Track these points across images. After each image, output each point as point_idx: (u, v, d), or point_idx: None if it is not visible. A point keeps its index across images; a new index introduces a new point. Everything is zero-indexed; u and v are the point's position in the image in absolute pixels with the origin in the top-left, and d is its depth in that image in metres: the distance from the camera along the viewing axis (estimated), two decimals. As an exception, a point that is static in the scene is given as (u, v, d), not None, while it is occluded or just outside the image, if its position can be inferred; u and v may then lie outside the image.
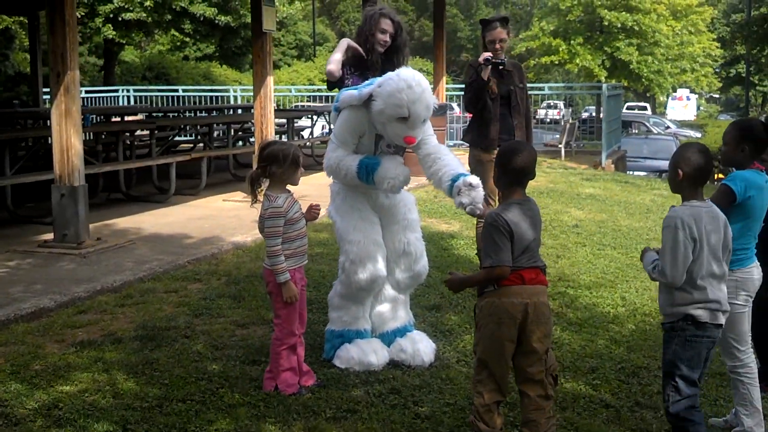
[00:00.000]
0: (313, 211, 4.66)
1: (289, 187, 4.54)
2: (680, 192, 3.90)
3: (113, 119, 14.94)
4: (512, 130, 6.82)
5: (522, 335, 3.70)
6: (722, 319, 3.86)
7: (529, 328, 3.68)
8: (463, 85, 9.54)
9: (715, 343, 3.92)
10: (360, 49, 5.77)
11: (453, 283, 3.99)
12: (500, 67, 6.75)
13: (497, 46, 6.76)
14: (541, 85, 20.53)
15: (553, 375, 3.78)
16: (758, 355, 4.87)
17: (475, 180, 4.55)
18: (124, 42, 26.86)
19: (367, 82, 4.96)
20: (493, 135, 6.83)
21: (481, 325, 3.80)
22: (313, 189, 8.22)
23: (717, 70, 43.04)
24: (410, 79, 4.60)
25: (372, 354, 4.94)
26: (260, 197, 4.49)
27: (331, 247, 7.72)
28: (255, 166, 4.51)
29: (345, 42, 5.95)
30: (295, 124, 16.75)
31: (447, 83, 17.71)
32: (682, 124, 40.99)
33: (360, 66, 5.94)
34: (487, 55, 6.61)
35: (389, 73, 4.75)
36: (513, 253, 3.69)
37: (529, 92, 7.98)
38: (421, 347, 5.09)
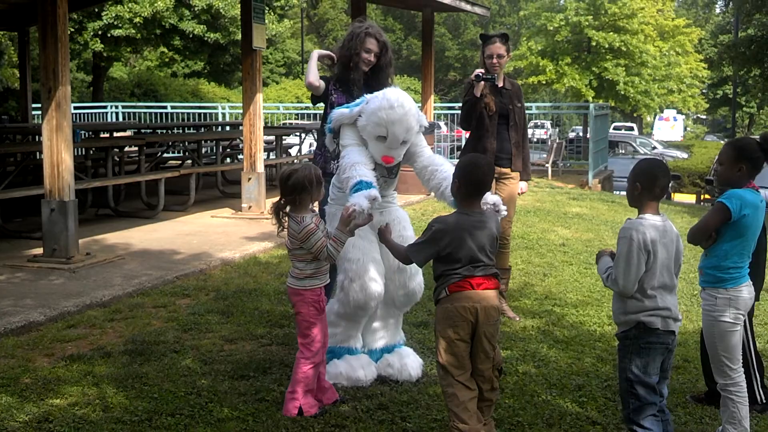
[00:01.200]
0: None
1: None
2: (638, 205, 4.04)
3: (102, 135, 14.96)
4: (509, 149, 6.78)
5: (474, 337, 3.97)
6: (674, 327, 3.98)
7: (480, 330, 3.96)
8: (450, 104, 9.60)
9: (671, 351, 4.02)
10: (333, 54, 5.89)
11: (381, 233, 4.48)
12: (495, 84, 6.71)
13: (494, 61, 6.68)
14: (528, 104, 20.63)
15: (498, 368, 4.09)
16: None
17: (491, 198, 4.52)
18: (113, 55, 26.87)
19: (358, 100, 4.98)
20: (490, 152, 6.81)
21: (438, 331, 4.04)
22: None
23: (704, 91, 43.44)
24: (393, 100, 4.65)
25: (360, 369, 4.95)
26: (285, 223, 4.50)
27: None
28: (280, 196, 4.48)
29: (315, 54, 6.03)
30: (283, 142, 16.80)
31: (435, 102, 17.81)
32: (669, 144, 41.23)
33: (345, 82, 6.02)
34: (479, 71, 6.61)
35: (378, 92, 4.80)
36: (450, 260, 3.97)
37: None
38: (408, 362, 5.12)
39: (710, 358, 4.40)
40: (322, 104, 6.28)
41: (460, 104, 7.01)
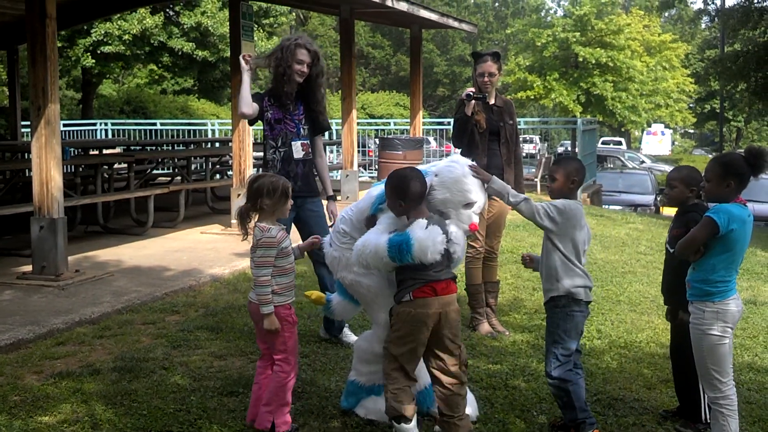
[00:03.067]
0: (314, 241, 4.74)
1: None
2: (564, 196, 4.64)
3: (92, 152, 14.94)
4: (501, 166, 6.79)
5: (436, 337, 4.16)
6: (590, 297, 4.63)
7: (442, 332, 4.15)
8: (439, 119, 9.62)
9: (586, 317, 4.64)
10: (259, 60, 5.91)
11: None
12: (486, 102, 6.72)
13: (486, 79, 6.70)
14: (517, 119, 20.67)
15: (466, 365, 4.30)
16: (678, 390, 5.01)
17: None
18: (103, 71, 26.90)
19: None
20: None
21: (395, 328, 4.20)
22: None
23: (691, 105, 43.65)
24: (466, 167, 4.52)
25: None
26: (251, 231, 4.47)
27: (308, 279, 7.74)
28: (245, 200, 4.46)
29: (247, 78, 5.98)
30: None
31: (423, 117, 17.87)
32: (657, 158, 41.42)
33: (279, 96, 6.03)
34: (470, 90, 6.63)
35: (443, 163, 4.57)
36: (416, 267, 4.10)
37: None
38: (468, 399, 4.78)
39: (699, 372, 4.41)
40: (260, 122, 6.23)
41: (451, 120, 7.05)
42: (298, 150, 6.12)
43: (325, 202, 6.34)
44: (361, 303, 4.80)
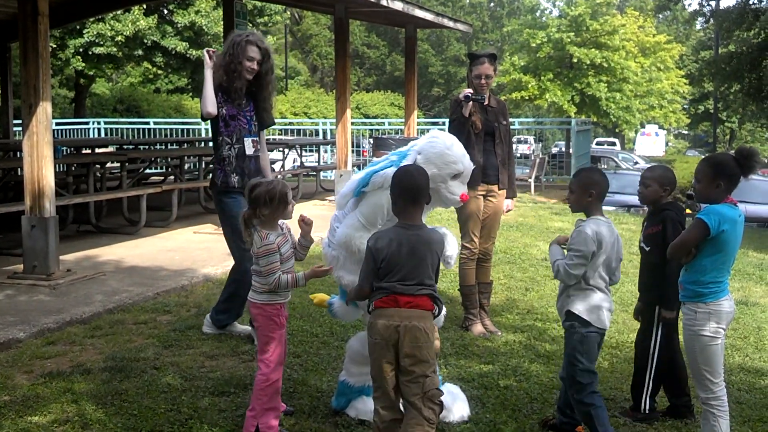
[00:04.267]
0: (306, 223, 4.53)
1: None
2: (587, 210, 4.46)
3: (84, 151, 14.91)
4: (496, 165, 6.80)
5: (398, 356, 3.85)
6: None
7: (403, 350, 3.83)
8: (433, 120, 9.62)
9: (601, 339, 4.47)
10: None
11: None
12: (483, 104, 6.74)
13: (482, 81, 6.70)
14: (511, 120, 20.70)
15: (434, 401, 3.85)
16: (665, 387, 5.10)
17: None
18: (94, 74, 26.85)
19: (390, 158, 4.61)
20: (477, 171, 6.80)
21: (368, 344, 4.00)
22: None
23: (685, 106, 43.70)
24: (447, 137, 4.54)
25: None
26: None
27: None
28: (248, 205, 4.44)
29: (209, 76, 5.98)
30: (267, 157, 16.79)
31: (418, 117, 17.87)
32: (651, 159, 41.44)
33: (229, 92, 6.05)
34: (468, 91, 6.63)
35: (423, 141, 4.56)
36: (380, 274, 3.90)
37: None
38: (460, 400, 4.86)
39: (691, 372, 4.43)
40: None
41: (445, 121, 7.06)
42: (249, 146, 6.21)
43: None
44: (358, 305, 4.77)
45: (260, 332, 4.45)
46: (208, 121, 6.21)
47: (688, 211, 20.97)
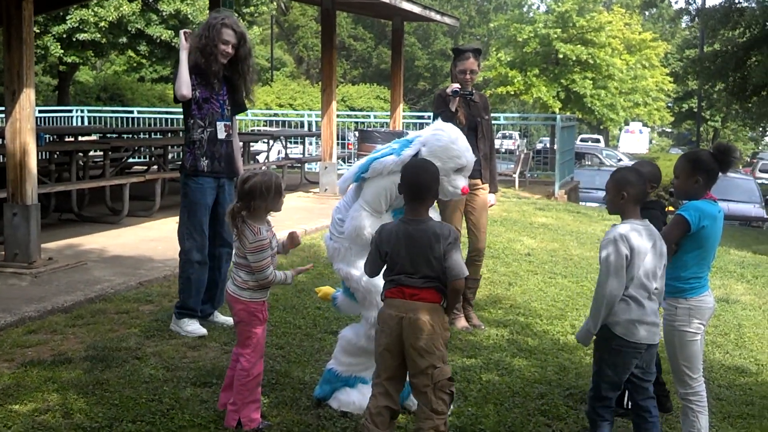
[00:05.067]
0: (295, 239, 4.57)
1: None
2: (622, 213, 4.10)
3: (67, 139, 14.81)
4: (479, 161, 6.78)
5: (403, 347, 3.87)
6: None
7: (407, 341, 3.85)
8: (419, 113, 9.60)
9: (641, 352, 4.07)
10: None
11: None
12: (471, 98, 6.74)
13: (467, 76, 6.70)
14: (496, 115, 20.79)
15: (445, 391, 3.86)
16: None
17: None
18: (77, 62, 26.67)
19: (393, 146, 4.60)
20: None
21: (375, 330, 4.08)
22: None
23: (669, 104, 43.90)
24: (452, 130, 4.54)
25: None
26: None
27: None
28: (236, 199, 4.37)
29: (185, 57, 5.97)
30: (251, 148, 16.75)
31: (404, 110, 17.86)
32: (635, 156, 41.59)
33: (204, 75, 6.02)
34: (456, 86, 6.60)
35: (427, 133, 4.55)
36: (388, 267, 3.97)
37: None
38: None
39: (671, 367, 4.44)
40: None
41: (430, 114, 7.02)
42: (221, 130, 6.21)
43: None
44: (355, 297, 4.74)
45: (242, 327, 4.42)
46: (181, 104, 6.19)
47: (670, 208, 21.12)
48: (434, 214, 4.32)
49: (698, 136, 41.12)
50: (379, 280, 4.36)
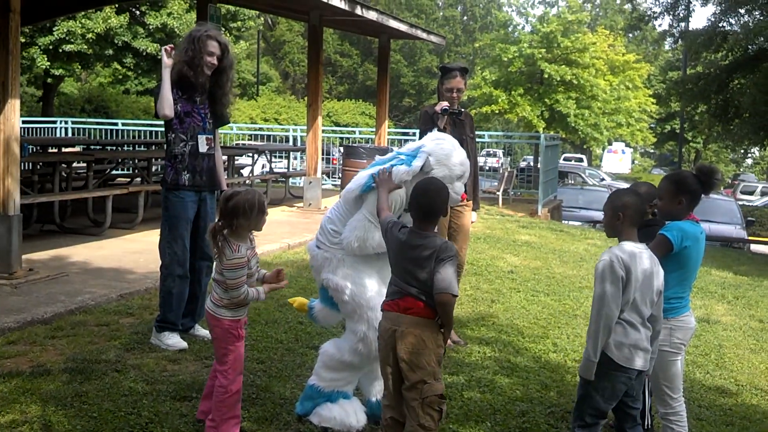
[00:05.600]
0: (281, 278, 4.46)
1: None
2: (619, 235, 4.01)
3: (51, 150, 14.76)
4: None
5: (397, 360, 3.89)
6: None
7: (399, 355, 3.86)
8: (404, 130, 9.61)
9: (632, 380, 3.97)
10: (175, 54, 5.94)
11: None
12: (459, 116, 6.75)
13: (454, 95, 6.73)
14: (481, 133, 20.86)
15: (433, 407, 3.84)
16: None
17: None
18: (62, 74, 26.59)
19: (399, 156, 4.61)
20: None
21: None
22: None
23: (652, 125, 44.15)
24: (452, 139, 4.62)
25: (353, 415, 4.65)
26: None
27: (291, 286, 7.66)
28: (218, 217, 4.30)
29: (167, 76, 5.95)
30: (236, 162, 16.73)
31: (389, 127, 17.89)
32: (617, 176, 41.86)
33: (187, 88, 6.01)
34: (445, 104, 6.61)
35: (430, 143, 4.55)
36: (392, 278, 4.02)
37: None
38: None
39: (652, 387, 4.46)
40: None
41: (416, 131, 7.03)
42: (203, 144, 6.18)
43: None
44: (340, 309, 4.72)
45: (217, 344, 4.37)
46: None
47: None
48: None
49: (680, 157, 41.36)
50: (370, 294, 4.36)
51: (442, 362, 3.99)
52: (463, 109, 6.84)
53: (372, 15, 13.30)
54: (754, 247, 22.55)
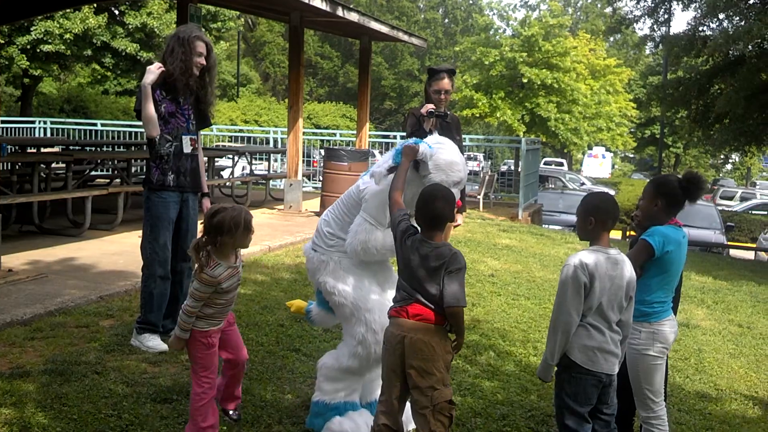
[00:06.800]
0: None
1: None
2: (591, 239, 4.02)
3: (29, 150, 14.65)
4: None
5: (404, 367, 3.87)
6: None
7: (407, 361, 3.85)
8: (385, 133, 9.61)
9: (603, 383, 3.97)
10: (161, 67, 5.91)
11: None
12: (445, 119, 6.75)
13: (442, 96, 6.76)
14: (462, 136, 20.89)
15: (444, 414, 3.87)
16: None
17: None
18: (40, 74, 26.42)
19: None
20: None
21: (382, 349, 4.07)
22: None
23: (632, 130, 44.42)
24: (453, 144, 4.52)
25: (364, 427, 4.54)
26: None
27: (288, 291, 7.65)
28: (202, 233, 4.20)
29: (149, 91, 5.92)
30: (216, 164, 16.67)
31: (370, 130, 17.89)
32: (597, 181, 42.06)
33: (172, 90, 6.00)
34: (430, 107, 6.63)
35: (431, 143, 4.47)
36: (400, 278, 3.99)
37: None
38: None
39: (634, 391, 4.47)
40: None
41: (398, 134, 7.05)
42: (187, 144, 6.18)
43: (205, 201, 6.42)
44: (336, 312, 4.68)
45: (189, 351, 4.30)
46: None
47: (631, 233, 21.30)
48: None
49: (660, 161, 41.59)
50: (366, 296, 4.32)
51: (450, 368, 3.99)
52: (448, 111, 6.85)
53: (353, 16, 13.29)
54: (733, 252, 22.71)
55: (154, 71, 5.94)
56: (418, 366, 3.83)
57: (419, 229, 4.00)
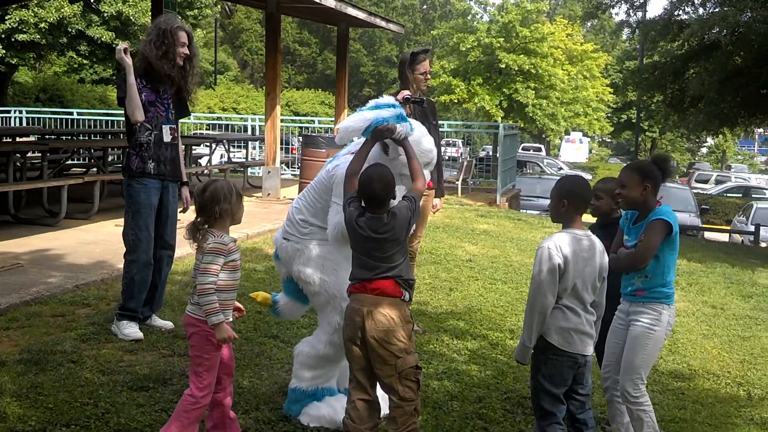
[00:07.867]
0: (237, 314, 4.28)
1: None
2: (564, 221, 4.09)
3: (4, 140, 14.53)
4: None
5: (366, 340, 3.94)
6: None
7: (369, 333, 3.93)
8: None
9: (579, 364, 4.03)
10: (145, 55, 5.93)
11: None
12: (422, 104, 6.75)
13: (426, 77, 6.85)
14: (440, 122, 20.87)
15: (410, 378, 3.96)
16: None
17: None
18: (16, 63, 26.19)
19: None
20: None
21: (342, 328, 4.19)
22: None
23: (609, 114, 44.65)
24: (422, 126, 4.58)
25: (342, 412, 4.42)
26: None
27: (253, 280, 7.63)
28: (196, 212, 4.05)
29: (131, 75, 5.93)
30: (193, 152, 16.61)
31: (348, 116, 17.87)
32: (575, 166, 42.23)
33: (153, 79, 6.01)
34: (407, 93, 6.62)
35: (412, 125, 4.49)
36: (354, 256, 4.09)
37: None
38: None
39: (627, 370, 4.41)
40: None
41: None
42: (167, 133, 6.20)
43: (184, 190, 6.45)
44: (312, 301, 4.69)
45: (194, 352, 4.03)
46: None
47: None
48: (403, 189, 4.28)
49: (636, 146, 41.86)
50: (344, 284, 4.32)
51: (413, 337, 4.07)
52: (424, 97, 6.87)
53: (330, 2, 13.25)
54: (707, 234, 22.90)
55: (126, 60, 5.94)
56: (379, 338, 3.92)
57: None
